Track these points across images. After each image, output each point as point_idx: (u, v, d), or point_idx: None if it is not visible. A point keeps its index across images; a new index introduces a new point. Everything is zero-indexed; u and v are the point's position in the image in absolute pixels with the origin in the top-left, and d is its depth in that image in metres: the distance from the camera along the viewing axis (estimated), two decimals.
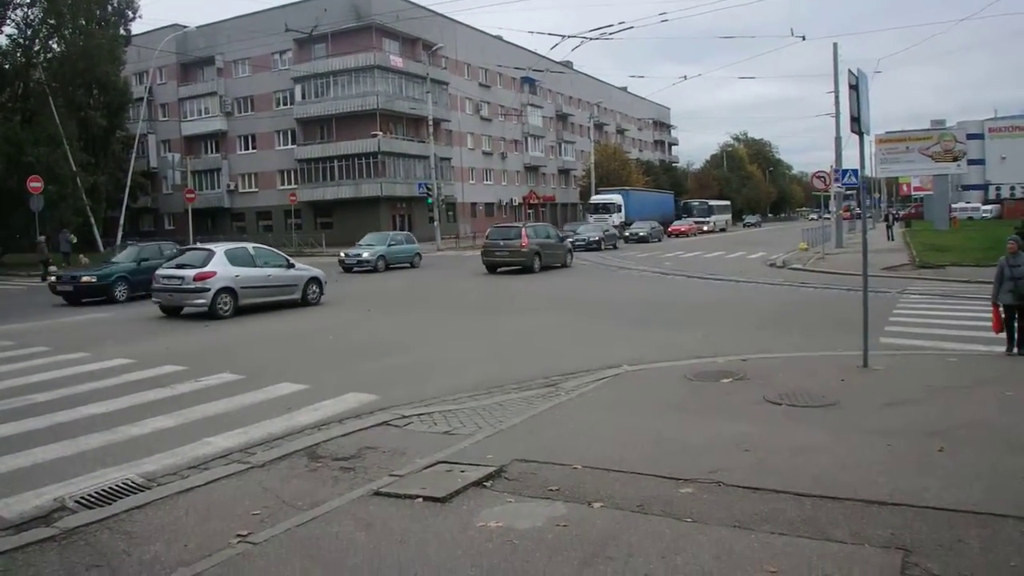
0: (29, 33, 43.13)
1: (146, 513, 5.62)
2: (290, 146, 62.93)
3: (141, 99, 56.46)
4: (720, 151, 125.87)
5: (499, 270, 30.08)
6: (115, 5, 48.53)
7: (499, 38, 73.12)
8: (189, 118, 68.11)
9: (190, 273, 17.86)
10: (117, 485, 6.36)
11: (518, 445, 6.82)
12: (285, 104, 63.29)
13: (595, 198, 67.16)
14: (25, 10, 42.92)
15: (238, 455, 7.11)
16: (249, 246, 19.99)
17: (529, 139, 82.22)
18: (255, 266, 18.92)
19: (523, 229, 30.71)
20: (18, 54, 43.25)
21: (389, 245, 34.99)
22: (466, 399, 9.01)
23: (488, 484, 5.86)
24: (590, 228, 49.84)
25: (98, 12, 45.72)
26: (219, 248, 19.10)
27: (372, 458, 6.71)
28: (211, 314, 17.64)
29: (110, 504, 5.87)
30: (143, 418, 8.49)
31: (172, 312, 18.52)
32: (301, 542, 4.95)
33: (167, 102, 69.35)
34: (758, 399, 8.33)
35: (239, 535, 5.10)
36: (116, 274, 22.61)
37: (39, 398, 9.69)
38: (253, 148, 65.76)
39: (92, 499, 6.06)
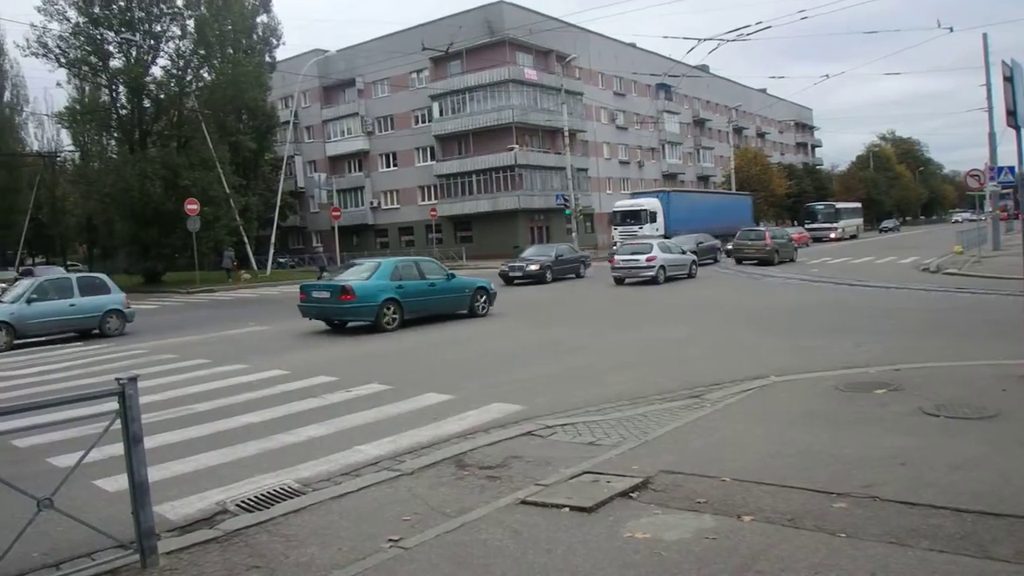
0: (181, 64, 45.87)
1: (302, 517, 5.84)
2: (429, 162, 64.41)
3: (287, 122, 59.09)
4: (866, 151, 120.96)
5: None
6: (260, 34, 50.99)
7: (632, 45, 72.74)
8: (333, 139, 70.82)
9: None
10: (274, 490, 6.65)
11: (664, 456, 6.76)
12: (423, 121, 64.85)
13: (620, 204, 51.37)
14: (177, 42, 45.74)
15: (387, 462, 7.32)
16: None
17: (666, 146, 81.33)
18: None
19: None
20: (172, 84, 46.00)
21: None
22: (610, 409, 8.97)
23: (634, 495, 5.83)
24: (537, 253, 35.66)
25: (244, 41, 48.11)
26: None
27: (517, 467, 6.78)
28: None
29: (268, 508, 6.13)
30: (297, 427, 8.88)
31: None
32: (450, 548, 5.05)
33: (311, 124, 72.35)
34: (913, 411, 7.96)
35: (391, 540, 5.24)
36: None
37: (200, 407, 10.28)
38: (394, 165, 67.67)
39: (251, 503, 6.35)
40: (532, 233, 60.23)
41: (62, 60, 44.64)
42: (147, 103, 46.36)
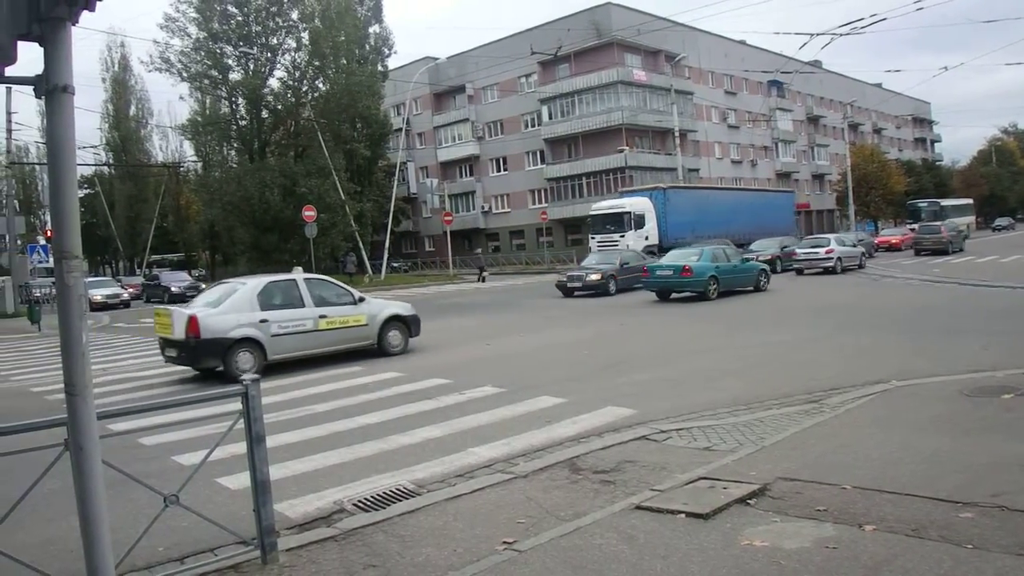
0: (297, 75, 47.48)
1: (417, 518, 5.89)
2: (539, 166, 64.59)
3: (399, 129, 60.20)
4: (987, 146, 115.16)
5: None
6: (372, 43, 52.15)
7: (743, 42, 71.34)
8: (444, 144, 71.83)
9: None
10: (390, 490, 6.72)
11: (782, 463, 6.56)
12: (533, 125, 65.09)
13: (598, 206, 43.71)
14: (293, 55, 47.36)
15: (501, 465, 7.32)
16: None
17: (779, 145, 79.36)
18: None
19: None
20: (289, 95, 47.58)
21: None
22: (725, 414, 8.78)
23: (752, 502, 5.67)
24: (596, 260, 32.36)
25: (357, 51, 49.32)
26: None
27: (632, 472, 6.69)
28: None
29: (384, 508, 6.20)
30: (412, 428, 8.98)
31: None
32: (565, 552, 5.00)
33: (423, 130, 73.57)
34: None
35: (505, 542, 5.24)
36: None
37: (318, 408, 10.51)
38: (504, 170, 68.14)
39: (368, 503, 6.43)
40: None
41: (184, 74, 46.87)
42: (265, 114, 48.07)
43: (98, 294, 38.69)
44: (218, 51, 45.61)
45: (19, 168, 60.72)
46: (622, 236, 39.45)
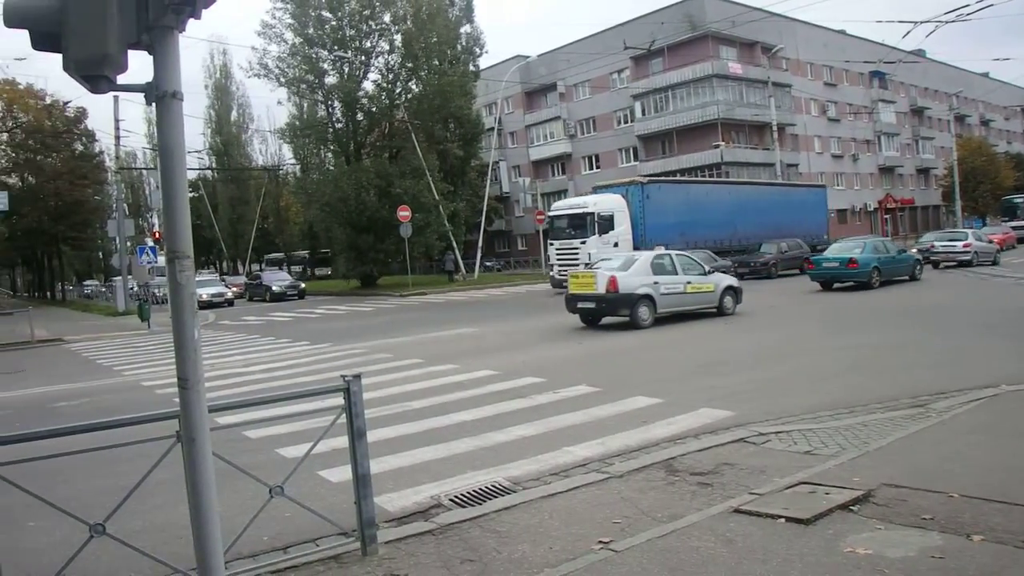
0: (391, 77, 48.04)
1: (513, 515, 5.94)
2: (633, 163, 64.01)
3: (491, 129, 60.51)
4: None
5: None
6: (464, 44, 52.42)
7: (842, 32, 69.43)
8: (536, 143, 71.95)
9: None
10: (486, 487, 6.80)
11: (886, 468, 6.35)
12: (626, 122, 64.64)
13: (558, 206, 36.81)
14: (386, 57, 47.91)
15: (596, 464, 7.30)
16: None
17: (882, 138, 76.85)
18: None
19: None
20: (383, 97, 48.21)
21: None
22: (826, 418, 8.56)
23: (855, 508, 5.52)
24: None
25: (449, 52, 49.63)
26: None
27: (730, 475, 6.59)
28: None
29: (480, 504, 6.28)
30: (507, 426, 9.05)
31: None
32: (661, 554, 4.96)
33: (515, 129, 73.83)
34: None
35: (601, 542, 5.23)
36: None
37: (414, 405, 10.68)
38: (597, 168, 67.77)
39: (464, 498, 6.52)
40: None
41: (281, 80, 48.02)
42: (360, 116, 48.84)
43: (204, 293, 39.92)
44: (314, 56, 46.54)
45: (127, 173, 63.20)
46: (583, 243, 32.54)
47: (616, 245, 32.30)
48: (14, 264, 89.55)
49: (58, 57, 3.28)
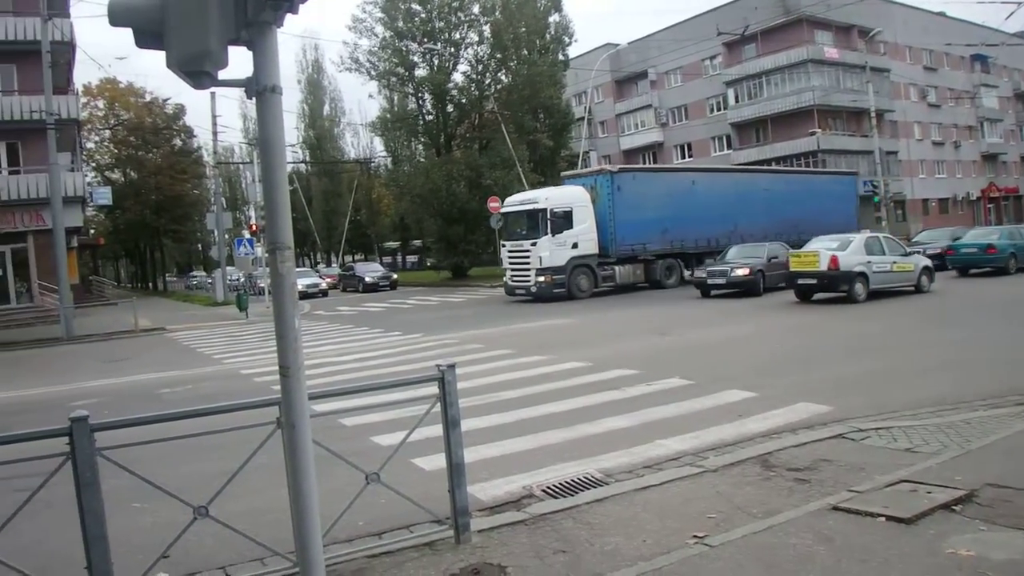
0: (480, 69, 48.26)
1: (605, 507, 5.92)
2: (726, 151, 62.83)
3: (581, 118, 60.28)
4: None
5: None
6: (552, 33, 52.19)
7: (942, 14, 66.68)
8: (626, 132, 71.26)
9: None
10: (578, 478, 6.78)
11: (990, 468, 6.10)
12: (718, 110, 63.50)
13: (510, 201, 31.33)
14: (475, 48, 48.13)
15: (690, 458, 7.21)
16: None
17: (984, 124, 73.56)
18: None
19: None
20: (472, 88, 48.50)
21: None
22: (927, 414, 8.26)
23: (957, 508, 5.33)
24: None
25: (538, 42, 49.54)
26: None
27: (827, 471, 6.42)
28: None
29: (572, 496, 6.27)
30: (598, 418, 9.00)
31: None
32: (757, 550, 4.88)
33: (605, 119, 73.25)
34: None
35: (695, 536, 5.18)
36: None
37: (505, 395, 10.73)
38: (689, 156, 66.73)
39: (556, 489, 6.52)
40: None
41: (372, 73, 48.77)
42: (450, 108, 49.24)
43: (299, 284, 40.63)
44: (404, 49, 47.09)
45: (224, 167, 65.08)
46: (534, 244, 27.98)
47: (575, 247, 28.04)
48: (118, 256, 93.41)
49: (157, 55, 3.38)
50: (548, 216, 27.58)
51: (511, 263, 29.21)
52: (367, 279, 45.68)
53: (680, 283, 30.27)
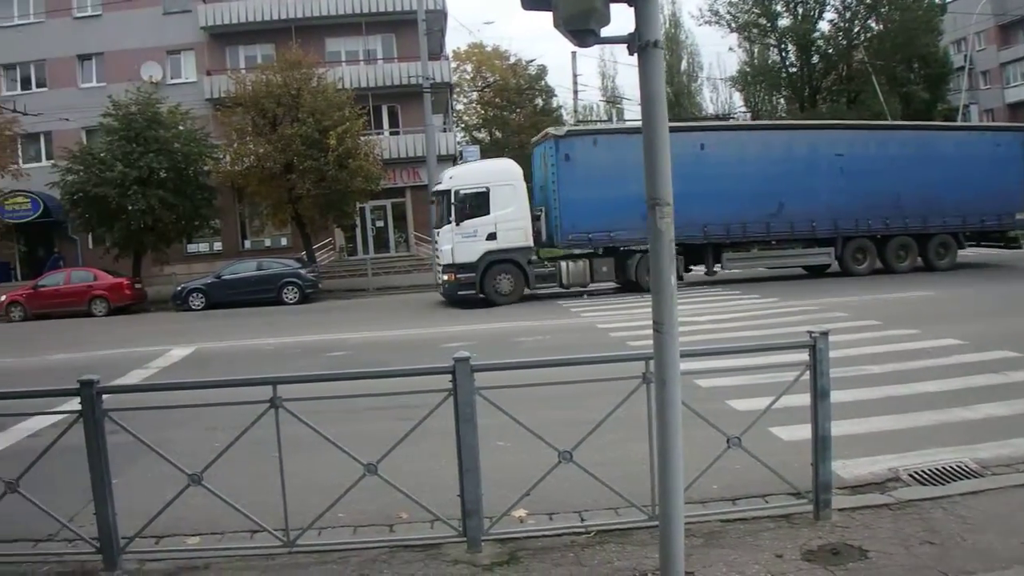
0: (848, 16, 45.32)
1: (979, 500, 5.43)
2: None
3: (961, 68, 54.52)
4: None
5: None
6: None
7: None
8: (1012, 84, 63.19)
9: None
10: (950, 466, 6.25)
11: None
12: None
13: (442, 176, 23.65)
14: None
15: None
16: None
17: None
18: None
19: None
20: (839, 37, 45.76)
21: None
22: None
23: None
24: None
25: None
26: None
27: None
28: None
29: (943, 484, 5.82)
30: (974, 403, 8.16)
31: None
32: None
33: (988, 68, 65.41)
34: None
35: None
36: None
37: (872, 370, 10.04)
38: None
39: (924, 475, 6.08)
40: None
41: (732, 25, 47.74)
42: (815, 59, 47.00)
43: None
44: None
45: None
46: (437, 232, 22.99)
47: (492, 238, 21.55)
48: None
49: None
50: (455, 199, 21.37)
51: (437, 254, 23.55)
52: None
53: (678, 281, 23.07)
